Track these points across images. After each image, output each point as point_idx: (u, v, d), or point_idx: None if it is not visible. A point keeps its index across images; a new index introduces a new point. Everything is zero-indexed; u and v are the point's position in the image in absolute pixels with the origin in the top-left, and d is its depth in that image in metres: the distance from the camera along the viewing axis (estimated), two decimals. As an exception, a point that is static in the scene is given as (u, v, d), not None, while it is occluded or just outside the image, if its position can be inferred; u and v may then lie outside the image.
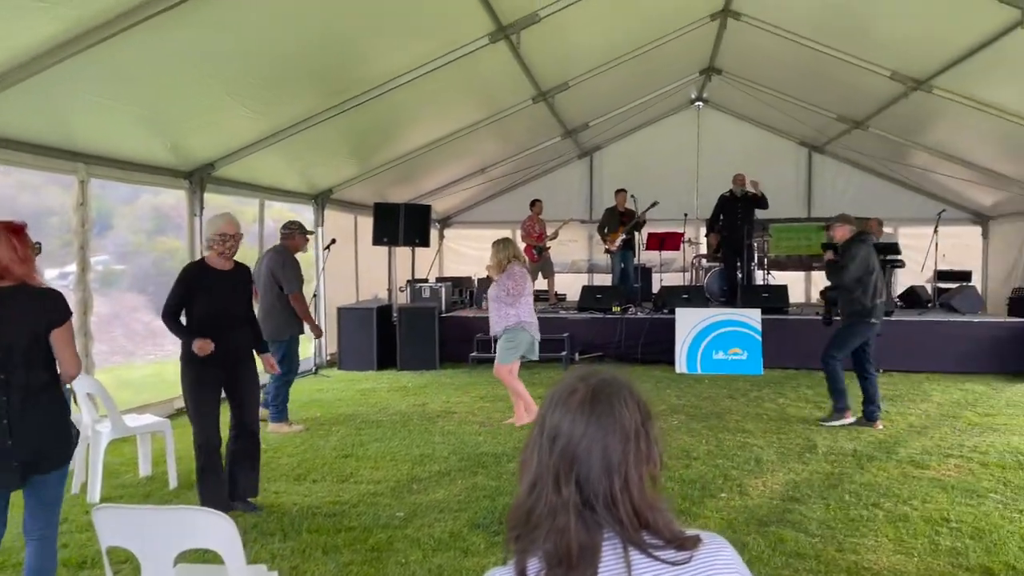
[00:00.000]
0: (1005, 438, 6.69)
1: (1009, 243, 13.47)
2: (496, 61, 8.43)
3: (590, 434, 1.29)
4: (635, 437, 1.31)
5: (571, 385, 1.37)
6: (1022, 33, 6.94)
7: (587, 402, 1.32)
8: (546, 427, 1.34)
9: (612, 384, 1.36)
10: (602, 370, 1.40)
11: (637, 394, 1.37)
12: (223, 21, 5.74)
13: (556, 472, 1.29)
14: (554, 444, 1.31)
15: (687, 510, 4.90)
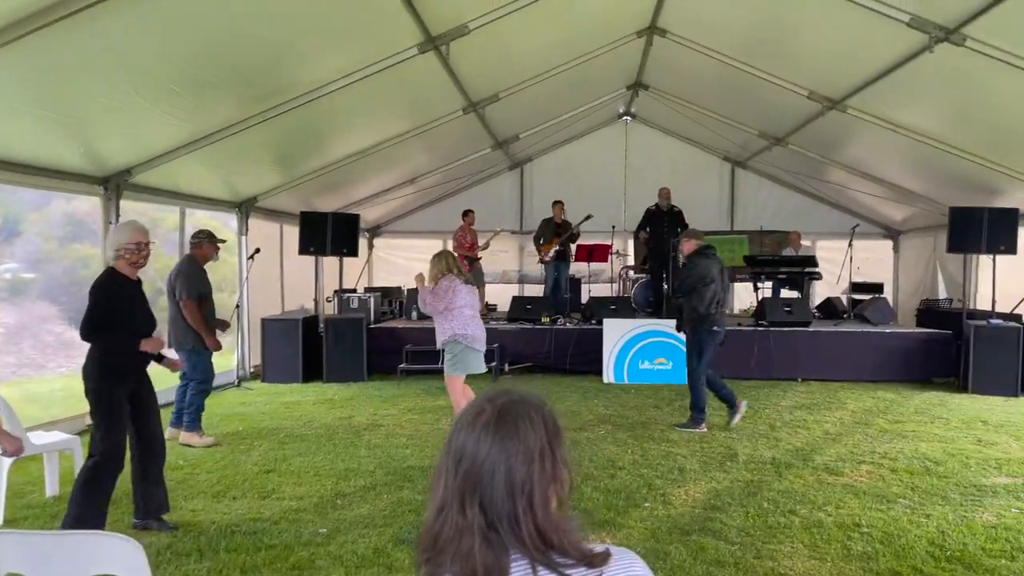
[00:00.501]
0: (913, 444, 6.99)
1: (918, 256, 14.14)
2: (426, 71, 8.41)
3: (493, 455, 1.29)
4: (540, 457, 1.31)
5: (479, 407, 1.36)
6: (929, 57, 7.30)
7: (492, 423, 1.32)
8: (452, 449, 1.33)
9: (519, 404, 1.35)
10: (513, 392, 1.39)
11: (546, 414, 1.37)
12: (139, 24, 5.55)
13: (461, 495, 1.29)
14: (459, 466, 1.31)
15: (612, 520, 4.94)
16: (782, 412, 8.43)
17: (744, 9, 8.44)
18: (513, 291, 14.58)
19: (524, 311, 11.49)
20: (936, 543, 4.57)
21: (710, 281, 7.45)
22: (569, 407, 8.66)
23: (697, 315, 7.51)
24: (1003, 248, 9.85)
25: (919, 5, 6.82)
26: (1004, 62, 6.87)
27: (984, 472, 6.10)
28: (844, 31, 7.87)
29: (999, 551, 4.44)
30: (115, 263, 4.57)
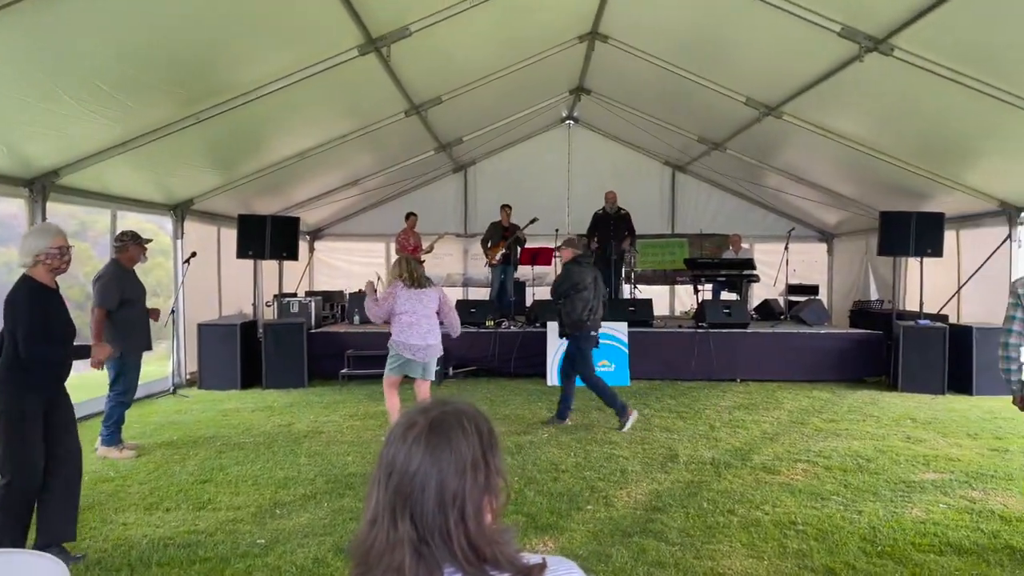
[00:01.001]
0: (847, 443, 7.19)
1: (851, 259, 14.59)
2: (367, 73, 8.32)
3: (424, 469, 1.27)
4: (473, 469, 1.29)
5: (411, 419, 1.34)
6: (860, 66, 7.54)
7: (423, 436, 1.29)
8: (384, 461, 1.31)
9: (452, 416, 1.33)
10: (449, 403, 1.37)
11: (481, 424, 1.35)
12: (65, 21, 5.35)
13: (392, 508, 1.27)
14: (389, 480, 1.28)
15: (554, 524, 4.95)
16: (721, 412, 8.58)
17: (683, 16, 8.57)
18: (458, 294, 14.56)
19: (468, 315, 11.43)
20: (868, 539, 4.70)
21: (583, 288, 7.72)
22: (513, 410, 8.66)
23: (572, 321, 7.77)
24: (930, 251, 10.23)
25: (849, 15, 7.03)
26: (929, 72, 7.12)
27: (913, 468, 6.30)
28: (779, 39, 8.05)
29: (928, 545, 4.59)
30: (32, 270, 4.25)
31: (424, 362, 6.85)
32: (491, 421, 1.38)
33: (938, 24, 6.41)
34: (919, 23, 6.52)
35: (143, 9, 5.72)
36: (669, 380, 10.76)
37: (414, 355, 6.77)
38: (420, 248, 12.58)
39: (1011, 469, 6.25)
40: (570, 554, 4.42)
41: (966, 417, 8.36)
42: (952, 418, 8.32)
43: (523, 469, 6.24)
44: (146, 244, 6.93)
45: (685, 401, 9.27)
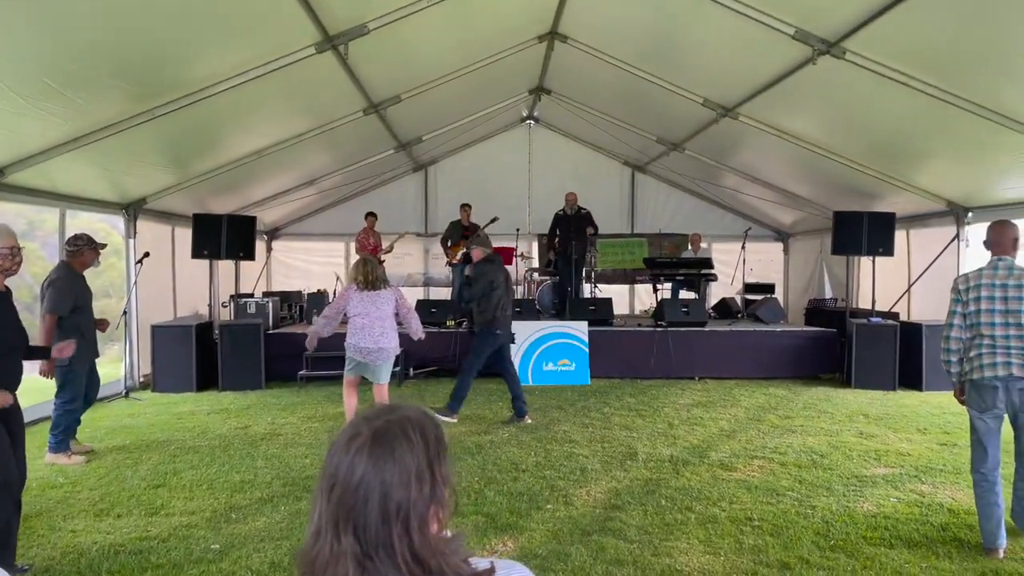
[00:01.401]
0: (802, 439, 7.31)
1: (806, 258, 14.85)
2: (324, 71, 8.22)
3: (367, 480, 1.23)
4: (418, 479, 1.26)
5: (355, 428, 1.30)
6: (813, 69, 7.68)
7: (366, 446, 1.26)
8: (327, 472, 1.28)
9: (397, 424, 1.30)
10: (396, 410, 1.34)
11: (427, 432, 1.32)
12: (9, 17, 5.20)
13: (335, 521, 1.23)
14: (332, 492, 1.25)
15: (514, 523, 4.95)
16: (680, 410, 8.67)
17: (641, 18, 8.64)
18: (418, 294, 14.50)
19: (429, 314, 11.38)
20: (821, 533, 4.78)
21: (495, 287, 7.93)
22: (474, 411, 8.64)
23: (483, 319, 7.98)
24: (882, 250, 10.46)
25: (803, 19, 7.16)
26: (880, 75, 7.28)
27: (865, 464, 6.44)
28: (735, 41, 8.16)
29: (878, 539, 4.69)
30: None
31: (375, 365, 6.82)
32: (440, 428, 1.35)
33: (887, 28, 6.56)
34: (869, 27, 6.67)
35: (91, 4, 5.58)
36: (629, 379, 10.84)
37: (364, 358, 6.75)
38: (380, 248, 12.50)
39: (959, 463, 6.41)
40: (529, 553, 4.44)
41: (916, 413, 8.56)
42: (903, 413, 8.52)
43: (483, 469, 6.23)
44: (101, 249, 6.76)
45: (644, 399, 9.34)
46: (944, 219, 10.46)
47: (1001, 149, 7.86)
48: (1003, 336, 4.52)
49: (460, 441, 7.16)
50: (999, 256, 4.66)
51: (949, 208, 10.25)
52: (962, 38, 6.41)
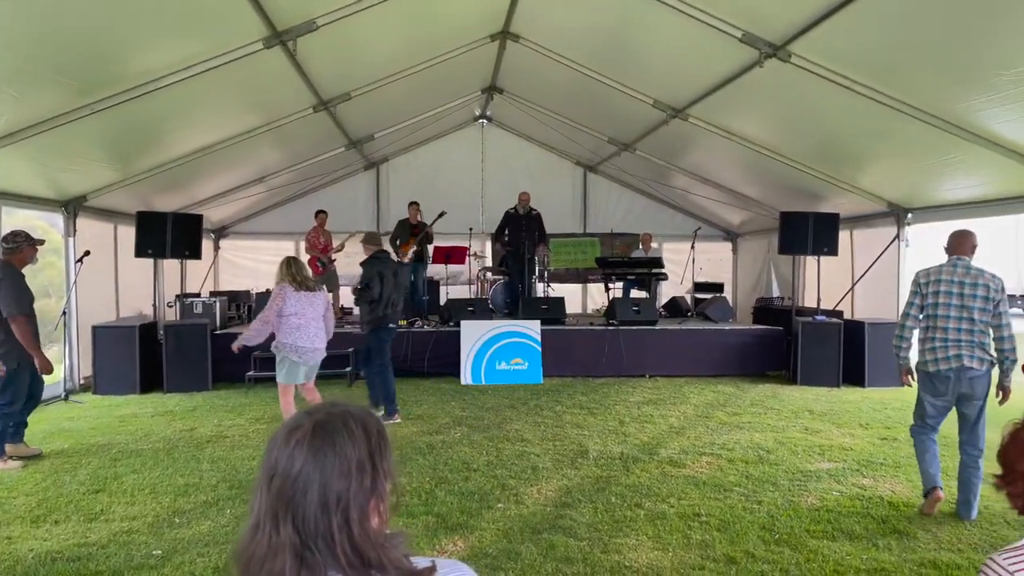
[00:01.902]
0: (749, 435, 7.44)
1: (754, 257, 15.12)
2: (272, 67, 8.09)
3: (307, 472, 1.24)
4: (359, 471, 1.26)
5: (296, 421, 1.31)
6: (760, 72, 7.81)
7: (307, 438, 1.26)
8: (266, 465, 1.28)
9: (339, 418, 1.30)
10: (337, 405, 1.34)
11: (369, 425, 1.32)
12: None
13: (274, 513, 1.23)
14: (271, 483, 1.25)
15: (464, 523, 4.93)
16: (631, 408, 8.75)
17: (593, 19, 8.68)
18: (370, 294, 14.35)
19: (380, 314, 11.28)
20: (767, 527, 4.87)
21: (385, 283, 7.89)
22: (426, 410, 8.59)
23: (375, 316, 7.90)
24: (826, 250, 10.70)
25: (750, 22, 7.28)
26: (824, 78, 7.44)
27: (810, 458, 6.58)
28: (685, 44, 8.27)
29: (821, 532, 4.79)
30: None
31: (311, 366, 6.77)
32: (381, 423, 1.35)
33: (830, 33, 6.70)
34: (813, 31, 6.81)
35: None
36: (581, 377, 10.91)
37: (300, 357, 6.65)
38: (331, 247, 12.34)
39: (899, 457, 6.60)
40: (480, 552, 4.43)
41: (859, 408, 8.78)
42: (846, 409, 8.73)
43: (435, 469, 6.20)
44: (39, 245, 6.54)
45: (596, 397, 9.41)
46: (886, 220, 10.75)
47: (938, 152, 8.10)
48: (955, 329, 4.99)
49: (411, 441, 7.12)
50: (958, 256, 5.10)
51: (890, 209, 10.53)
52: (901, 44, 6.58)
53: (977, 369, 4.94)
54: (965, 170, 8.34)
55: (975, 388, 4.98)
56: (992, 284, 4.98)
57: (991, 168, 7.92)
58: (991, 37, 5.85)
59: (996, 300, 4.97)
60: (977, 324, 4.95)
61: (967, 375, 4.95)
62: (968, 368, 4.93)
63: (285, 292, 6.62)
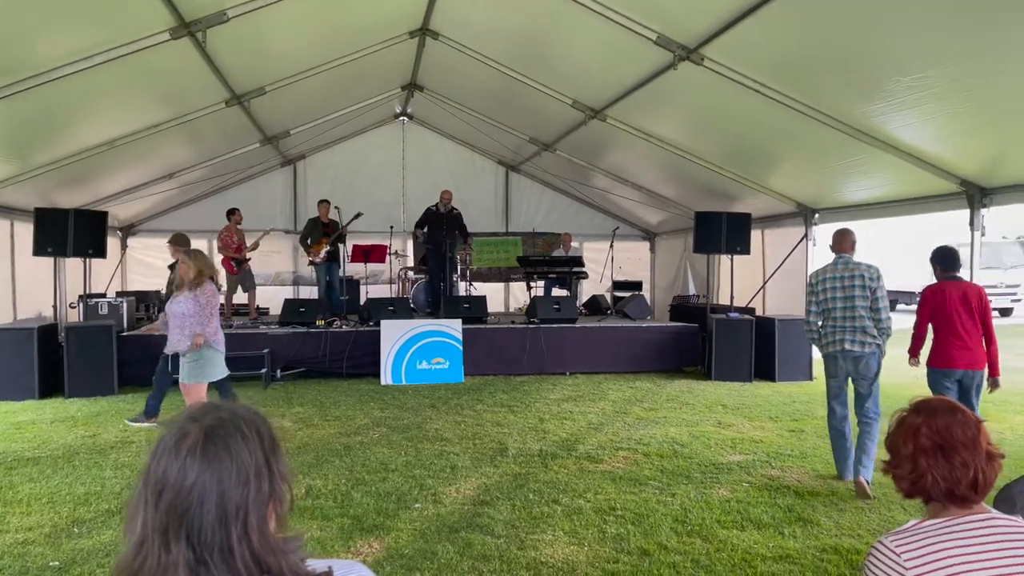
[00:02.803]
0: (664, 429, 7.60)
1: (672, 256, 15.47)
2: (181, 59, 7.80)
3: (202, 482, 1.16)
4: (257, 477, 1.20)
5: (181, 428, 1.22)
6: (674, 74, 7.97)
7: (199, 446, 1.19)
8: (151, 478, 1.18)
9: (230, 422, 1.24)
10: (221, 407, 1.27)
11: (261, 428, 1.27)
12: None
13: (164, 529, 1.15)
14: (160, 498, 1.16)
15: (381, 524, 4.87)
16: (551, 405, 8.82)
17: (512, 18, 8.71)
18: (287, 293, 14.08)
19: (297, 314, 11.05)
20: (679, 519, 4.98)
21: None
22: (343, 411, 8.45)
23: None
24: (739, 249, 11.03)
25: (665, 25, 7.42)
26: (736, 82, 7.65)
27: (722, 451, 6.76)
28: (602, 45, 8.36)
29: (731, 522, 4.93)
30: None
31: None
32: (270, 423, 1.30)
33: (741, 37, 6.89)
34: (725, 36, 6.99)
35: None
36: (503, 375, 10.93)
37: (222, 351, 6.53)
38: (244, 246, 12.00)
39: (805, 448, 6.85)
40: (396, 553, 4.38)
41: (769, 402, 9.08)
42: (757, 403, 9.01)
43: (351, 471, 6.09)
44: None
45: (517, 395, 9.44)
46: (795, 219, 11.16)
47: (842, 155, 8.45)
48: (840, 317, 5.76)
49: (328, 443, 6.99)
50: (840, 255, 5.90)
51: (799, 209, 10.93)
52: (807, 50, 6.83)
53: (858, 351, 5.68)
54: (867, 172, 8.73)
55: (859, 367, 5.71)
56: (867, 274, 5.69)
57: (891, 171, 8.30)
58: (889, 45, 6.13)
59: (873, 288, 5.67)
60: (858, 311, 5.67)
61: (850, 356, 5.71)
62: (849, 351, 5.69)
63: (213, 287, 6.46)
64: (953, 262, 5.92)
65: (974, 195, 7.80)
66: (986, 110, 6.36)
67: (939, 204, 8.47)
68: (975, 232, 7.88)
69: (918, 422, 1.88)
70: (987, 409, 7.05)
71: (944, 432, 1.83)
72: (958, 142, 7.26)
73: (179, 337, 6.35)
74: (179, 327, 6.34)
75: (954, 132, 7.06)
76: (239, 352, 10.14)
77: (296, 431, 7.48)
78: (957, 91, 6.18)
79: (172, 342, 6.42)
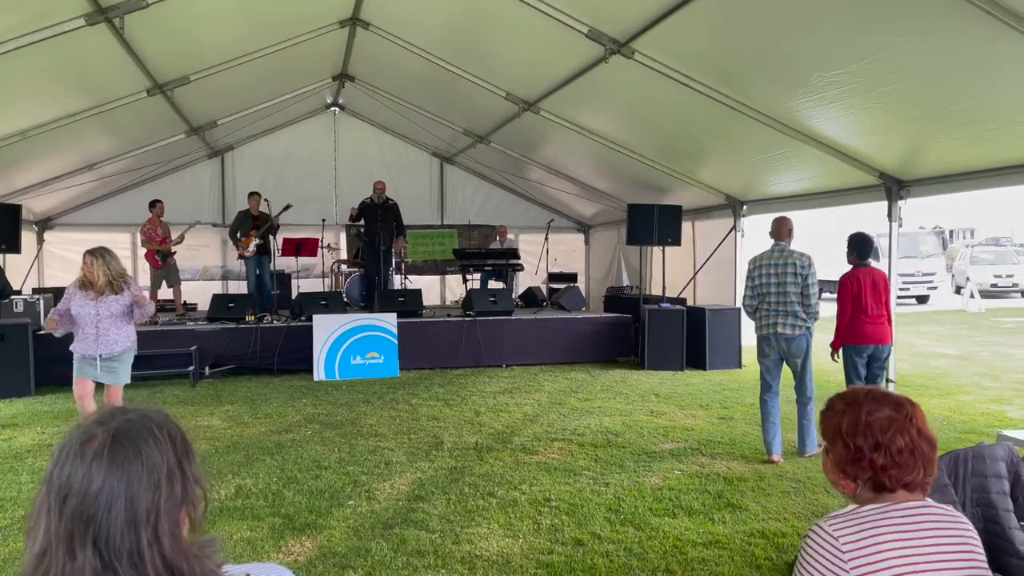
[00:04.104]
0: (599, 419, 7.68)
1: (605, 248, 15.63)
2: (98, 46, 7.48)
3: (110, 486, 1.12)
4: (168, 480, 1.17)
5: (87, 431, 1.18)
6: (606, 67, 8.04)
7: (106, 449, 1.14)
8: (55, 484, 1.14)
9: (139, 424, 1.20)
10: (128, 410, 1.23)
11: (173, 430, 1.23)
12: None
13: (69, 536, 1.11)
14: (65, 504, 1.12)
15: (313, 523, 4.79)
16: (487, 398, 8.82)
17: (443, 8, 8.62)
18: (216, 288, 13.69)
19: (226, 309, 10.78)
20: (613, 508, 5.04)
21: None
22: (275, 408, 8.29)
23: None
24: (670, 240, 11.21)
25: (596, 18, 7.46)
26: (666, 76, 7.75)
27: (654, 440, 6.88)
28: (535, 37, 8.35)
29: (663, 510, 5.02)
30: None
31: None
32: (180, 425, 1.26)
33: (670, 32, 6.98)
34: (654, 30, 7.07)
35: None
36: (439, 369, 10.89)
37: None
38: (169, 239, 11.63)
39: (735, 435, 7.02)
40: (328, 552, 4.31)
41: (700, 390, 9.27)
42: (689, 392, 9.19)
43: (283, 469, 5.98)
44: None
45: (453, 389, 9.42)
46: (724, 211, 11.40)
47: (768, 148, 8.66)
48: (774, 302, 6.18)
49: (258, 441, 6.84)
50: (776, 242, 6.30)
51: (727, 201, 11.17)
52: (733, 44, 6.96)
53: (789, 333, 6.13)
54: (792, 165, 8.96)
55: (791, 348, 6.16)
56: (799, 262, 6.12)
57: (814, 164, 8.55)
58: (811, 41, 6.29)
59: (804, 275, 6.09)
60: (790, 296, 6.10)
61: (782, 338, 6.16)
62: (781, 333, 6.14)
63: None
64: (868, 250, 6.42)
65: (892, 187, 8.10)
66: (902, 106, 6.59)
67: (859, 196, 8.77)
68: (893, 223, 8.18)
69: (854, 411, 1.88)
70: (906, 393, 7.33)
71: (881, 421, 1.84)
72: (877, 137, 7.51)
73: (117, 336, 6.06)
74: (116, 327, 6.06)
75: (873, 127, 7.31)
76: (165, 350, 9.89)
77: (226, 430, 7.30)
78: (875, 87, 6.39)
79: (108, 342, 6.03)
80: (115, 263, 6.05)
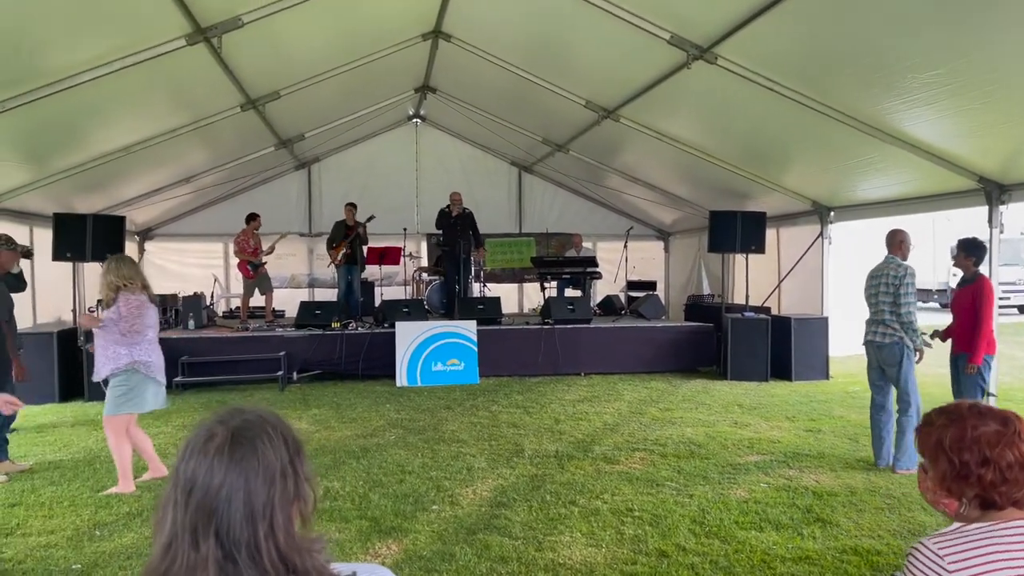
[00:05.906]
0: (680, 430, 7.58)
1: (685, 256, 15.42)
2: (197, 65, 7.86)
3: (230, 481, 1.21)
4: (282, 477, 1.25)
5: (209, 430, 1.27)
6: (688, 73, 7.95)
7: (226, 446, 1.23)
8: (181, 479, 1.23)
9: (256, 424, 1.28)
10: (246, 410, 1.32)
11: (285, 430, 1.31)
12: None
13: (194, 527, 1.19)
14: (190, 497, 1.21)
15: (399, 526, 4.89)
16: (566, 406, 8.82)
17: (524, 19, 8.70)
18: (303, 296, 14.14)
19: (313, 316, 11.12)
20: (697, 520, 4.96)
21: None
22: (360, 413, 8.49)
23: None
24: (754, 248, 10.97)
25: (678, 25, 7.40)
26: (749, 80, 7.62)
27: (739, 452, 6.74)
28: (615, 45, 8.35)
29: (749, 523, 4.91)
30: None
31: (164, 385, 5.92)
32: (293, 427, 1.33)
33: (754, 36, 6.86)
34: (738, 35, 6.96)
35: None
36: (518, 376, 10.94)
37: (163, 377, 5.81)
38: (260, 250, 12.07)
39: (823, 448, 6.82)
40: (414, 555, 4.39)
41: (786, 402, 9.04)
42: (774, 403, 8.97)
43: (368, 472, 6.12)
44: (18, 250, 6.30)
45: (532, 396, 9.45)
46: (810, 218, 11.09)
47: (857, 152, 8.39)
48: (871, 312, 6.31)
49: (345, 445, 7.02)
50: (887, 255, 6.27)
51: (814, 207, 10.87)
52: (820, 47, 6.79)
53: (879, 341, 6.18)
54: (882, 170, 8.66)
55: (883, 356, 6.19)
56: (893, 273, 6.12)
57: (905, 168, 8.24)
58: (903, 42, 6.09)
59: (896, 285, 6.07)
60: (881, 305, 6.16)
61: (873, 345, 6.28)
62: (872, 341, 6.27)
63: (145, 301, 5.61)
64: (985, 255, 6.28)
65: (992, 192, 7.73)
66: (1002, 106, 6.30)
67: (957, 201, 8.40)
68: (994, 229, 7.80)
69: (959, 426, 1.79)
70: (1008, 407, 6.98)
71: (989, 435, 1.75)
72: (975, 139, 7.19)
73: (101, 359, 5.63)
74: (102, 346, 5.58)
75: (970, 129, 7.00)
76: (255, 355, 10.28)
77: (313, 433, 7.52)
78: (972, 88, 6.13)
79: (96, 366, 5.71)
80: (124, 269, 5.58)
